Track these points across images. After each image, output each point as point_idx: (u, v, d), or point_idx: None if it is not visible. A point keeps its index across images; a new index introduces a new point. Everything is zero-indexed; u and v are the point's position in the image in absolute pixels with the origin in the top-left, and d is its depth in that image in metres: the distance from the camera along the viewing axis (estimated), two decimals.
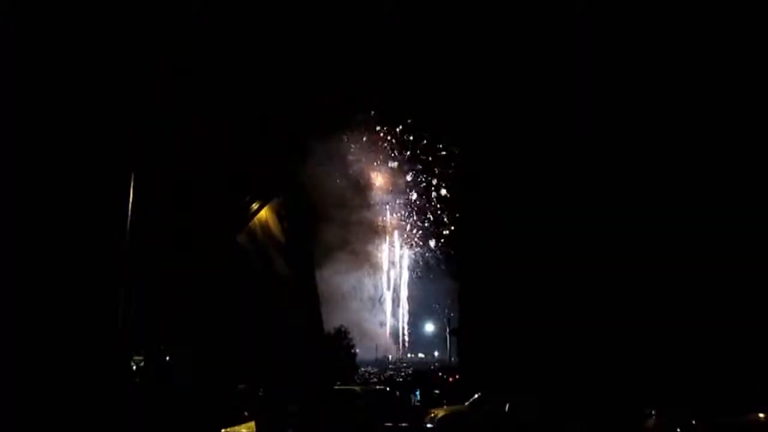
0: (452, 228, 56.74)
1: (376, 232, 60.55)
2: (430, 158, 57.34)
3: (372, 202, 58.91)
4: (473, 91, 31.63)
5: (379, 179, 57.49)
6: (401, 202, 60.49)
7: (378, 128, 55.57)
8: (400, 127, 55.96)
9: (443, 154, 55.30)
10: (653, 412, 14.97)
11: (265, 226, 28.41)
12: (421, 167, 58.16)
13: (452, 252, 54.99)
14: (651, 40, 24.31)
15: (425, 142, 55.99)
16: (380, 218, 60.71)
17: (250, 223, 27.61)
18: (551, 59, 27.04)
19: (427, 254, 62.37)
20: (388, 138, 56.87)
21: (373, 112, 52.49)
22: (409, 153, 57.92)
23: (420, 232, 61.70)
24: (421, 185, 59.88)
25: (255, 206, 27.29)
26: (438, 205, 58.89)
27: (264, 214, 28.45)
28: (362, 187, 57.04)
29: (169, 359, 23.75)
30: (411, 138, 55.96)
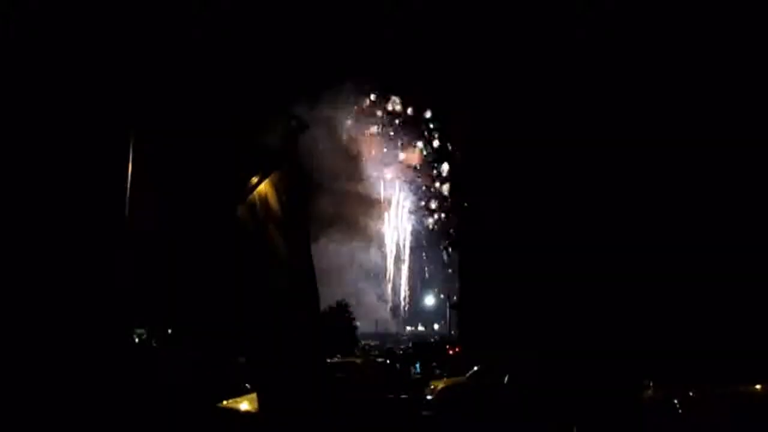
0: (451, 201, 56.58)
1: (372, 204, 60.37)
2: (427, 134, 56.86)
3: (369, 175, 58.61)
4: (473, 90, 31.37)
5: (374, 151, 57.08)
6: (398, 174, 60.18)
7: (375, 102, 55.04)
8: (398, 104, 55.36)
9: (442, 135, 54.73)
10: (650, 383, 15.04)
11: (264, 199, 28.35)
12: (418, 140, 57.70)
13: (453, 224, 54.96)
14: (651, 40, 24.08)
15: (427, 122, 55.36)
16: (377, 190, 60.51)
17: (250, 197, 27.59)
18: (551, 59, 26.82)
19: (427, 226, 62.34)
20: (384, 112, 56.30)
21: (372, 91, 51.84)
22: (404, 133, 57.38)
23: (418, 204, 61.51)
24: (419, 161, 59.45)
25: (255, 179, 27.24)
26: (437, 182, 58.56)
27: (263, 187, 28.37)
28: (359, 160, 56.67)
29: (170, 332, 23.89)
30: (411, 111, 55.32)
